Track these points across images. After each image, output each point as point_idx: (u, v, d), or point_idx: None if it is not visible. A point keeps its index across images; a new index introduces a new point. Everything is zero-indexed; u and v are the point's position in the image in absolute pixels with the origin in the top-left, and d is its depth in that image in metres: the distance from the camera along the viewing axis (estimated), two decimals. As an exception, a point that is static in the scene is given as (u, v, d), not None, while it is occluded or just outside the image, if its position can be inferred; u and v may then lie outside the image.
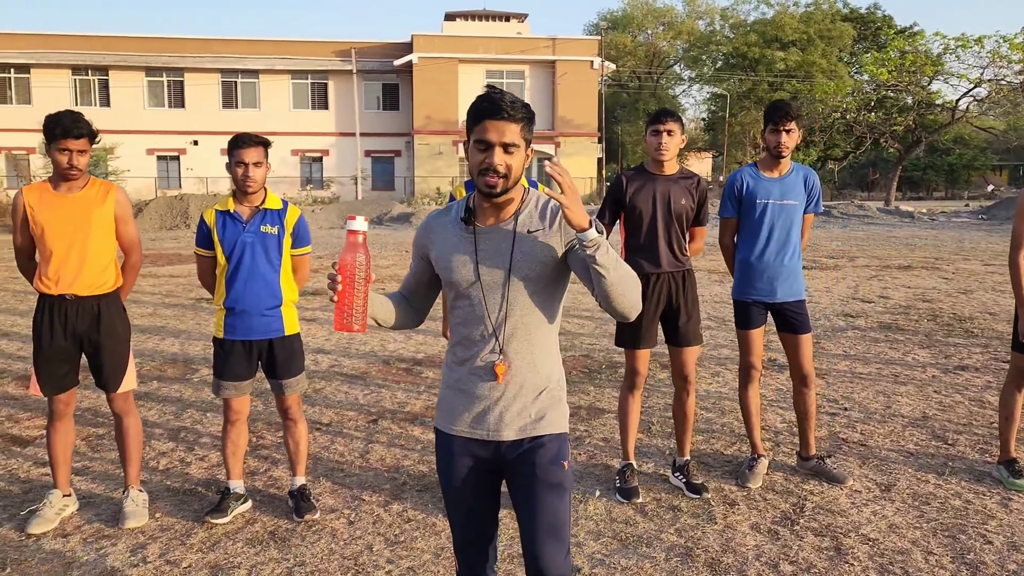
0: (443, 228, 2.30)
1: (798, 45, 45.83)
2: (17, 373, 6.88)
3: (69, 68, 39.62)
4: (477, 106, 2.10)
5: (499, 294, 2.21)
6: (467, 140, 2.17)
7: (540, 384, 2.26)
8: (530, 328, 2.24)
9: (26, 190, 3.79)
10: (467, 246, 2.23)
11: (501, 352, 2.22)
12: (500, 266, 2.20)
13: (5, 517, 3.95)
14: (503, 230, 2.22)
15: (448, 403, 2.32)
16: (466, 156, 2.18)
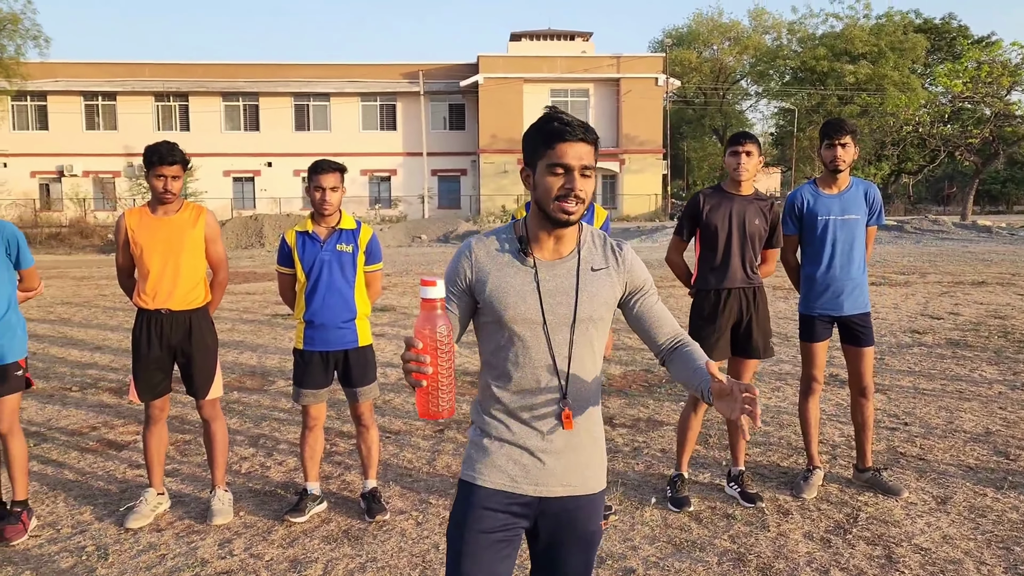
0: (494, 258, 2.08)
1: (868, 58, 44.97)
2: (111, 383, 7.36)
3: (152, 95, 41.53)
4: (548, 128, 1.95)
5: (564, 336, 2.04)
6: (528, 165, 2.03)
7: (595, 436, 2.13)
8: (588, 374, 2.08)
9: (127, 213, 4.17)
10: (528, 281, 2.03)
11: (565, 398, 2.04)
12: (566, 305, 2.03)
13: (106, 513, 4.32)
14: (566, 265, 2.06)
15: (488, 455, 2.08)
16: (527, 183, 2.04)
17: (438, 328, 1.74)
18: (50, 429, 5.89)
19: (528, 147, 2.02)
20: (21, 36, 31.55)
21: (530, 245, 2.06)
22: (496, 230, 2.15)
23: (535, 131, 1.99)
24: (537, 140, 1.98)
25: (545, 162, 1.96)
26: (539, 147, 1.97)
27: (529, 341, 2.03)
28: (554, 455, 2.06)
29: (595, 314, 2.05)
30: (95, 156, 40.96)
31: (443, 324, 1.75)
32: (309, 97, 42.34)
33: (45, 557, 3.80)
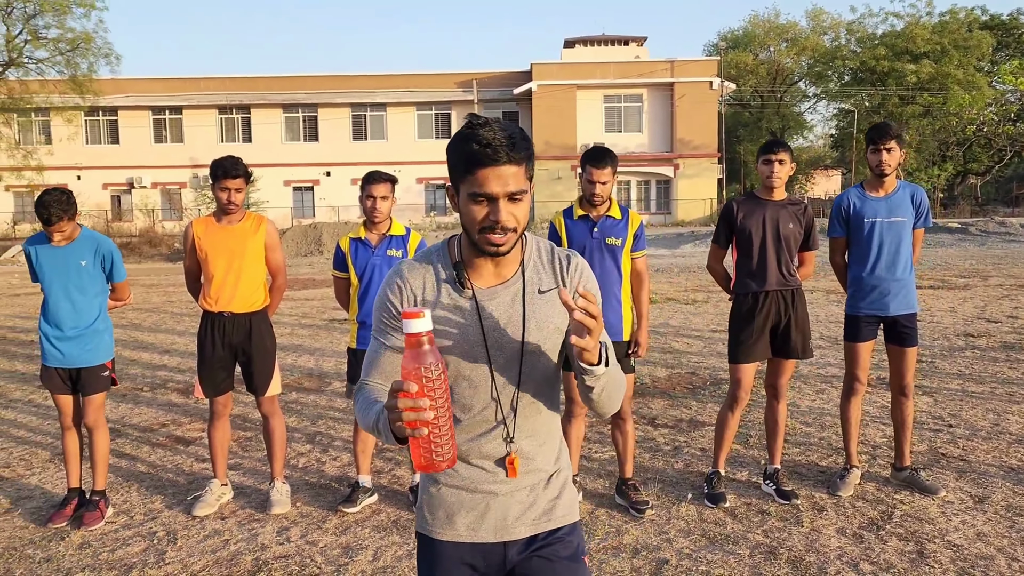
0: (428, 285, 1.81)
1: (931, 56, 43.90)
2: (178, 384, 7.78)
3: (216, 108, 42.90)
4: (467, 150, 1.65)
5: (512, 372, 1.81)
6: (451, 188, 1.76)
7: (551, 468, 1.92)
8: (541, 407, 1.87)
9: (195, 222, 4.50)
10: (468, 314, 1.79)
11: (512, 441, 1.84)
12: (511, 336, 1.79)
13: (175, 502, 4.64)
14: (509, 290, 1.81)
15: (439, 503, 1.89)
16: (453, 205, 1.77)
17: (429, 365, 1.51)
18: (124, 426, 6.28)
19: (450, 164, 1.73)
20: (94, 54, 32.94)
21: (467, 271, 1.80)
22: (429, 252, 1.86)
23: (454, 150, 1.70)
24: (457, 161, 1.70)
25: (466, 189, 1.69)
26: (460, 170, 1.69)
27: (475, 380, 1.81)
28: (509, 496, 1.86)
29: (546, 343, 1.82)
30: (163, 168, 42.49)
31: (433, 360, 1.52)
32: (366, 107, 43.20)
33: (120, 541, 4.12)
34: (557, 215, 4.43)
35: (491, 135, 1.65)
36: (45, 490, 4.86)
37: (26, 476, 5.14)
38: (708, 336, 9.71)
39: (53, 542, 4.11)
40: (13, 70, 31.89)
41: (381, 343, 1.83)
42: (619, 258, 4.28)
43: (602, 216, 4.29)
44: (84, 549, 4.03)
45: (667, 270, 19.34)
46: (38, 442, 5.89)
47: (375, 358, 1.84)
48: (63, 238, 4.24)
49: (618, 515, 4.29)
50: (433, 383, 1.51)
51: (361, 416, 1.77)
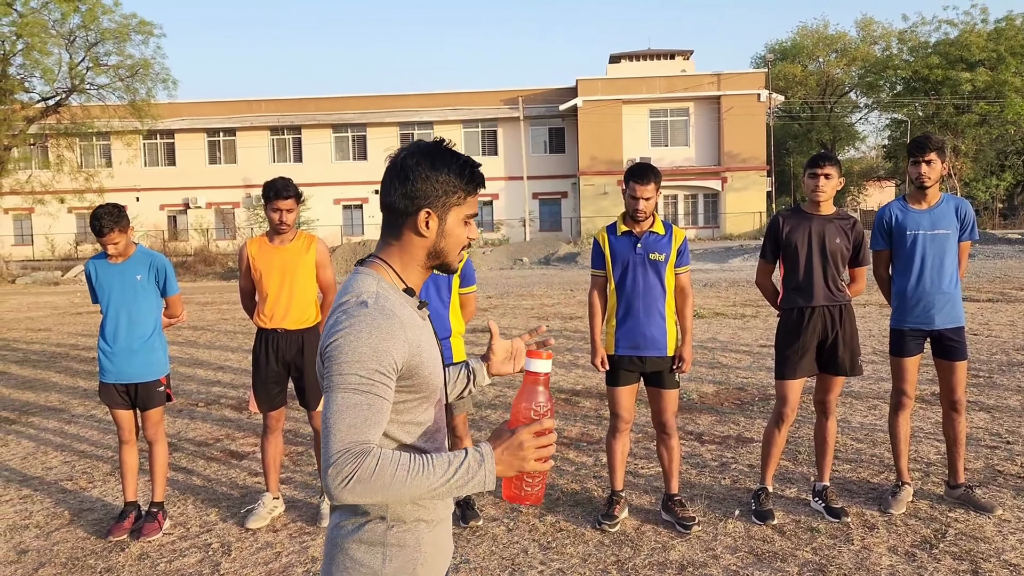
0: (411, 321, 1.70)
1: (987, 64, 42.85)
2: (231, 399, 7.97)
3: (268, 129, 43.86)
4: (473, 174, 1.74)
5: None
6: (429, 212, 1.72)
7: None
8: None
9: (249, 242, 4.65)
10: (432, 339, 1.79)
11: None
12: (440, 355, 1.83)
13: (228, 515, 4.77)
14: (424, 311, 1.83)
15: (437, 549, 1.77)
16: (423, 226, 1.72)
17: (540, 404, 1.61)
18: (180, 440, 6.47)
19: (438, 187, 1.71)
20: (152, 80, 33.93)
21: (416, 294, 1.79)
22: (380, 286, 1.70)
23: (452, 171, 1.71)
24: (457, 183, 1.72)
25: (464, 211, 1.75)
26: (457, 191, 1.73)
27: (439, 406, 1.80)
28: None
29: None
30: (217, 188, 43.54)
31: (544, 400, 1.63)
32: (414, 126, 43.74)
33: (177, 552, 4.25)
34: (600, 231, 4.47)
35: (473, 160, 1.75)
36: (106, 502, 5.04)
37: (88, 489, 5.32)
38: (757, 351, 9.61)
39: (113, 553, 4.26)
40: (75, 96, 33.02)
41: (378, 397, 1.57)
42: (663, 273, 4.30)
43: (645, 232, 4.32)
44: (143, 560, 4.17)
45: (715, 284, 19.16)
46: (99, 456, 6.10)
47: (375, 415, 1.56)
48: (118, 253, 4.40)
49: (664, 531, 4.28)
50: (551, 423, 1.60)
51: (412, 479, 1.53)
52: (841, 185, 4.48)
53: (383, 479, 1.51)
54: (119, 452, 4.61)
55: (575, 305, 15.47)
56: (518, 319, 13.71)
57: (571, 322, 12.85)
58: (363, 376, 1.56)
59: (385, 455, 1.53)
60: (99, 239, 4.31)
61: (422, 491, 1.53)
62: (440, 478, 1.53)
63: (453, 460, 1.55)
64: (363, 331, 1.58)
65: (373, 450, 1.53)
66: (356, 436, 1.53)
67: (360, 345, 1.57)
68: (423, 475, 1.53)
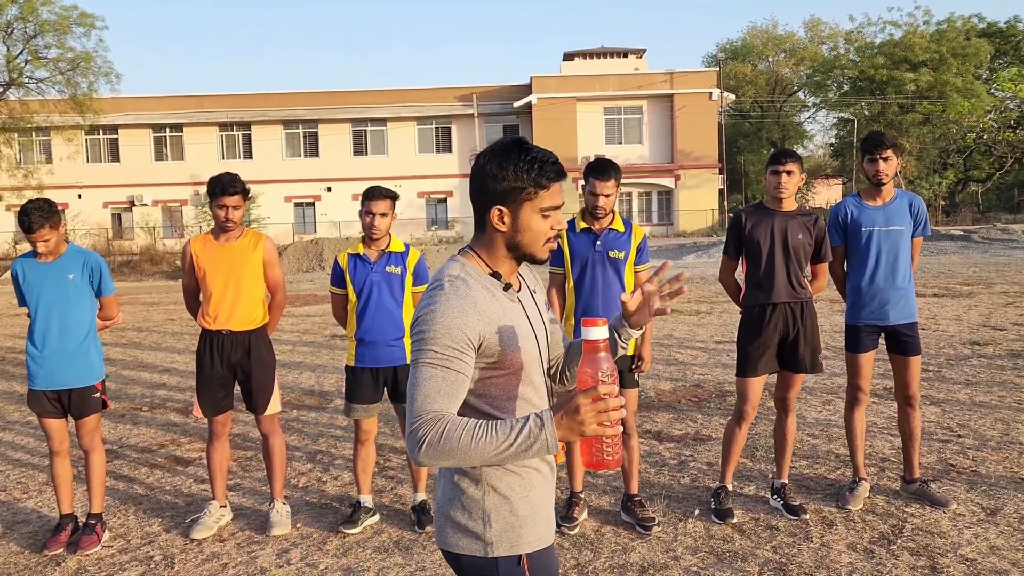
0: (489, 301, 1.85)
1: (929, 65, 43.94)
2: (177, 403, 7.71)
3: (217, 125, 43.02)
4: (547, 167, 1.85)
5: (543, 364, 1.97)
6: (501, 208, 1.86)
7: None
8: None
9: (193, 240, 4.45)
10: (521, 317, 1.90)
11: None
12: (543, 333, 1.97)
13: (172, 524, 4.57)
14: (527, 294, 2.00)
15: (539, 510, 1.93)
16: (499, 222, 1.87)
17: (604, 371, 1.65)
18: (122, 447, 6.21)
19: (507, 184, 1.84)
20: (94, 73, 33.05)
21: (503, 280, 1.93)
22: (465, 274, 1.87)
23: (520, 168, 1.83)
24: (525, 179, 1.83)
25: (537, 205, 1.85)
26: (528, 186, 1.84)
27: (537, 381, 1.93)
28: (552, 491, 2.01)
29: (552, 337, 2.05)
30: (164, 186, 42.56)
31: (608, 367, 1.66)
32: (366, 123, 43.30)
33: (117, 566, 4.05)
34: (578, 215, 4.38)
35: (551, 155, 1.86)
36: (41, 514, 4.80)
37: (22, 500, 5.07)
38: (713, 348, 9.64)
39: (49, 567, 4.04)
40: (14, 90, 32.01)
41: (454, 371, 1.74)
42: (622, 271, 4.23)
43: (605, 229, 4.24)
44: (80, 574, 3.96)
45: (669, 281, 19.23)
46: (35, 464, 5.82)
47: (449, 387, 1.74)
48: (48, 252, 4.16)
49: (624, 532, 4.21)
50: (609, 388, 1.61)
51: (477, 444, 1.65)
52: (802, 181, 4.46)
53: (450, 443, 1.66)
54: (50, 464, 4.34)
55: (530, 303, 15.38)
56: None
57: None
58: (438, 351, 1.74)
59: (454, 421, 1.68)
60: (28, 236, 4.08)
61: (488, 454, 1.65)
62: (504, 442, 1.64)
63: (515, 425, 1.65)
64: (439, 311, 1.76)
65: (444, 417, 1.70)
66: (430, 405, 1.71)
67: (436, 323, 1.75)
68: (487, 439, 1.65)
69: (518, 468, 1.88)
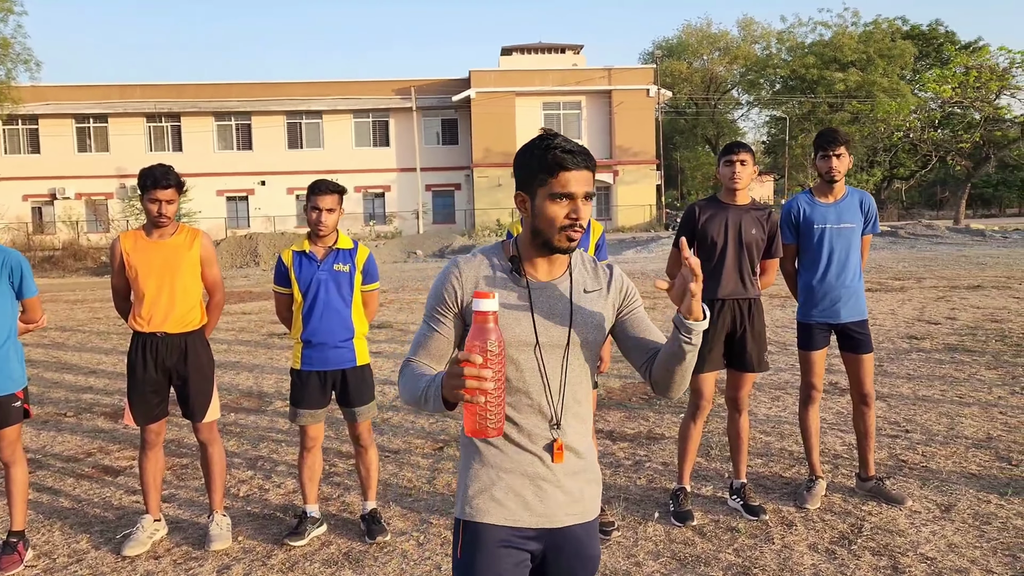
0: (483, 275, 1.99)
1: (857, 65, 45.22)
2: (105, 407, 7.31)
3: (144, 116, 41.55)
4: (552, 156, 1.89)
5: (556, 359, 1.97)
6: (522, 193, 1.97)
7: (591, 459, 2.07)
8: (580, 399, 2.02)
9: (123, 236, 4.15)
10: (521, 301, 1.97)
11: (559, 426, 1.97)
12: (560, 327, 1.97)
13: (102, 541, 4.26)
14: (558, 287, 2.01)
15: (484, 486, 1.97)
16: (522, 207, 1.98)
17: (490, 341, 1.67)
18: (45, 456, 5.83)
19: (525, 171, 1.95)
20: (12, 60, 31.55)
21: (523, 265, 2.00)
22: (484, 249, 2.06)
23: (534, 156, 1.91)
24: (536, 166, 1.91)
25: (548, 191, 1.90)
26: (539, 173, 1.91)
27: (523, 364, 1.95)
28: (553, 483, 1.97)
29: (589, 336, 2.00)
30: (87, 178, 40.91)
31: (495, 338, 1.68)
32: (301, 115, 42.39)
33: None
34: (515, 223, 4.22)
35: (571, 144, 1.91)
36: (-43, 531, 4.43)
37: (-65, 516, 4.68)
38: (657, 344, 9.61)
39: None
40: (-75, 77, 30.36)
41: (431, 327, 2.02)
42: (579, 269, 4.09)
43: (561, 225, 4.10)
44: (0, 598, 3.65)
45: (610, 277, 19.29)
46: (-50, 476, 5.41)
47: (424, 340, 2.02)
48: None
49: (583, 538, 4.08)
50: (494, 357, 1.67)
51: (407, 387, 1.94)
52: (756, 174, 4.39)
53: (401, 384, 1.98)
54: None
55: (473, 299, 15.21)
56: (415, 314, 13.35)
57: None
58: (426, 310, 2.05)
59: (409, 367, 2.00)
60: None
61: (414, 397, 1.90)
62: (420, 391, 1.87)
63: (427, 378, 1.88)
64: (437, 277, 2.03)
65: (409, 363, 2.01)
66: (410, 353, 2.05)
67: (432, 286, 2.03)
68: (412, 385, 1.91)
69: (481, 442, 1.99)
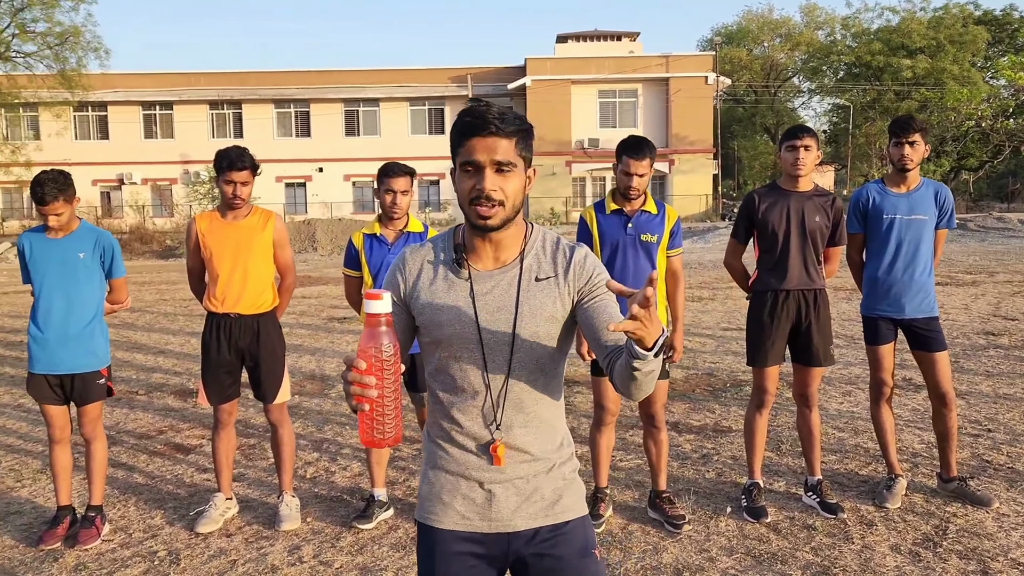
0: (426, 268, 1.87)
1: (927, 52, 43.75)
2: (174, 387, 7.45)
3: (207, 103, 42.35)
4: (460, 122, 1.74)
5: (501, 356, 1.80)
6: (453, 166, 1.80)
7: (551, 458, 1.88)
8: (535, 397, 1.84)
9: (198, 217, 4.19)
10: (462, 294, 1.82)
11: (499, 427, 1.82)
12: (504, 321, 1.80)
13: (175, 517, 4.33)
14: (506, 275, 1.83)
15: (434, 489, 1.89)
16: (453, 184, 1.81)
17: (383, 346, 1.56)
18: (119, 432, 5.96)
19: (451, 145, 1.79)
20: (82, 48, 32.42)
21: (467, 254, 1.84)
22: (434, 237, 1.93)
23: (453, 126, 1.76)
24: (453, 136, 1.77)
25: (458, 161, 1.76)
26: (455, 144, 1.77)
27: (465, 362, 1.81)
28: (503, 485, 1.83)
29: (539, 331, 1.80)
30: (153, 164, 41.91)
31: (388, 342, 1.57)
32: (359, 103, 42.73)
33: (119, 562, 3.82)
34: (588, 209, 4.14)
35: (482, 109, 1.72)
36: (36, 504, 4.55)
37: (16, 489, 4.82)
38: (720, 335, 9.44)
39: (46, 563, 3.80)
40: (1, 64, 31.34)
41: None
42: (654, 256, 4.00)
43: (637, 211, 4.01)
44: (79, 571, 3.73)
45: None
46: (28, 451, 5.57)
47: None
48: (60, 227, 3.90)
49: (653, 531, 4.01)
50: (383, 363, 1.56)
51: None
52: (819, 159, 4.22)
53: None
54: (50, 453, 4.09)
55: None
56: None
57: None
58: None
59: None
60: (40, 208, 3.80)
61: None
62: None
63: None
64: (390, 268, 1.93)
65: None
66: None
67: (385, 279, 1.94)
68: None
69: (430, 443, 1.92)
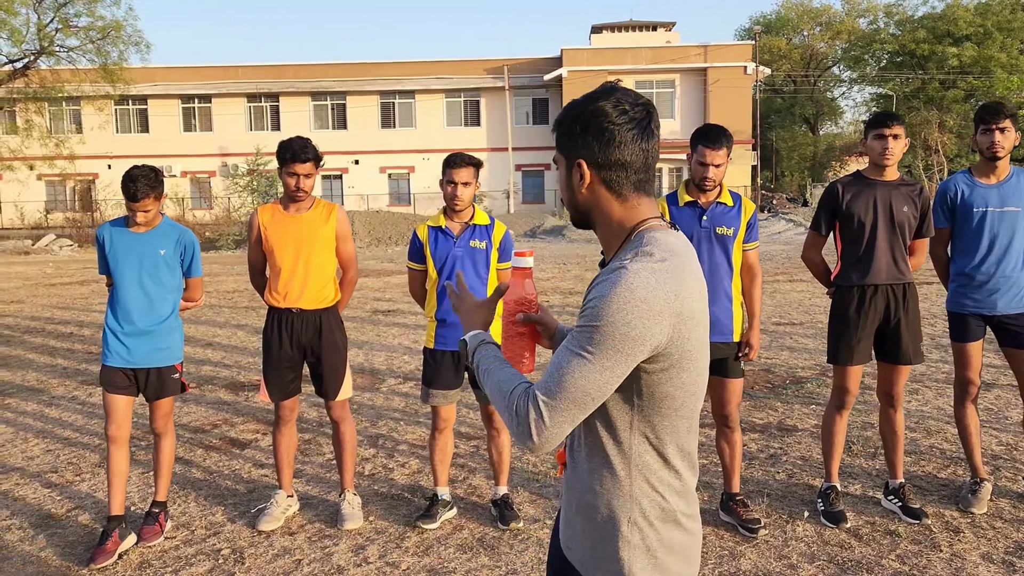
0: None
1: (973, 39, 42.66)
2: (225, 380, 7.44)
3: (245, 96, 42.67)
4: None
5: None
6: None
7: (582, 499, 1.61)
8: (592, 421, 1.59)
9: (260, 210, 4.11)
10: None
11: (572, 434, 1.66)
12: None
13: (236, 514, 4.28)
14: None
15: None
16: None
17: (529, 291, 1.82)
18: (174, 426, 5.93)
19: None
20: (124, 43, 32.73)
21: None
22: None
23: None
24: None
25: None
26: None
27: None
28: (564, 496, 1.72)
29: None
30: (192, 157, 42.36)
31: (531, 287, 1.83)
32: (395, 95, 42.77)
33: (183, 560, 3.77)
34: (660, 200, 3.99)
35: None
36: (96, 499, 4.53)
37: (76, 482, 4.81)
38: (772, 330, 9.22)
39: (110, 560, 3.76)
40: (44, 59, 31.76)
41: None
42: (730, 250, 3.84)
43: (712, 203, 3.85)
44: (144, 569, 3.68)
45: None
46: (85, 444, 5.57)
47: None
48: (144, 222, 3.85)
49: (727, 535, 3.87)
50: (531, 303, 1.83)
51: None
52: (906, 147, 4.03)
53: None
54: (108, 454, 3.90)
55: (571, 280, 15.02)
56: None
57: (571, 298, 12.40)
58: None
59: None
60: (131, 204, 3.76)
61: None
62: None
63: None
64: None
65: None
66: None
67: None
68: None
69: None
